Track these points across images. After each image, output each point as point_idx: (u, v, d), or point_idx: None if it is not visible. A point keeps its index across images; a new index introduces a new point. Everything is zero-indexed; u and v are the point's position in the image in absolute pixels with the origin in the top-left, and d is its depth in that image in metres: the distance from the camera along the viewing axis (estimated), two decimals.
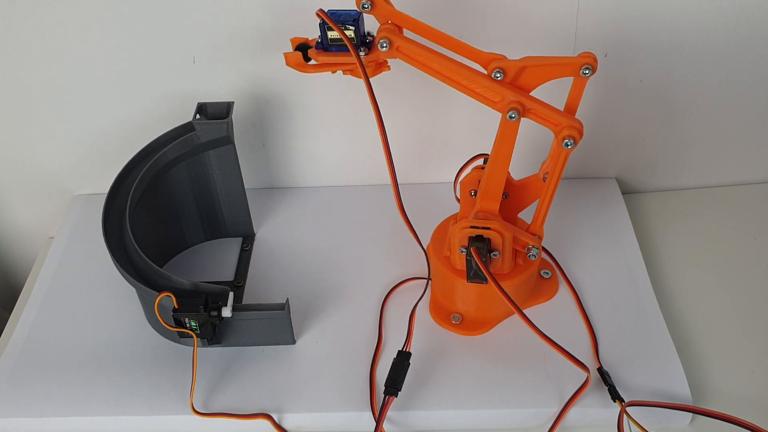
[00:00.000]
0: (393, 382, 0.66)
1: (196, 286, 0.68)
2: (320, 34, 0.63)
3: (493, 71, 0.62)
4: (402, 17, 0.63)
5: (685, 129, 0.86)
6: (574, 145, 0.62)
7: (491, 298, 0.72)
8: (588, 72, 0.61)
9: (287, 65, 0.65)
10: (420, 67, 0.63)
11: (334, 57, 0.63)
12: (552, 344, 0.65)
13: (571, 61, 0.61)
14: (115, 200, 0.75)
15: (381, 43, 0.62)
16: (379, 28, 0.62)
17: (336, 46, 0.63)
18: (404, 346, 0.69)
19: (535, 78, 0.62)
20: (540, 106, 0.62)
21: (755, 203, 0.88)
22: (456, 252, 0.70)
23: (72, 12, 0.76)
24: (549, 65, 0.62)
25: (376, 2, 0.61)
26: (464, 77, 0.62)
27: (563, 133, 0.62)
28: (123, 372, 0.71)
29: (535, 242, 0.69)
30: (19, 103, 0.83)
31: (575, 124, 0.62)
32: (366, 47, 0.63)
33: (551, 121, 0.62)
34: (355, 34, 0.62)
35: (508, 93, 0.62)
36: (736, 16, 0.76)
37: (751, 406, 0.67)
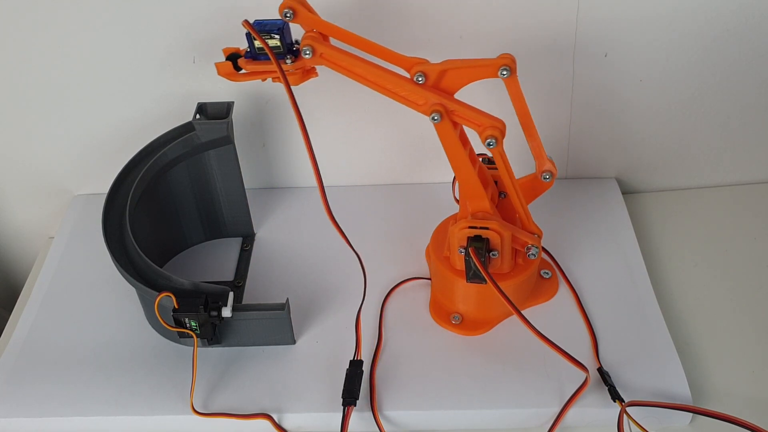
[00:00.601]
0: (350, 392, 0.66)
1: (196, 286, 0.68)
2: (248, 44, 0.65)
3: (415, 75, 0.63)
4: (325, 25, 0.65)
5: (685, 129, 0.86)
6: (497, 144, 0.63)
7: (491, 298, 0.72)
8: (506, 73, 0.63)
9: (218, 75, 0.67)
10: (345, 73, 0.65)
11: (263, 65, 0.65)
12: (550, 345, 0.65)
13: (491, 62, 0.63)
14: (115, 200, 0.75)
15: (304, 50, 0.64)
16: (303, 36, 0.64)
17: (264, 55, 0.65)
18: (355, 355, 0.70)
19: (457, 81, 0.63)
20: (462, 108, 0.63)
21: (755, 203, 0.88)
22: (455, 252, 0.70)
23: (72, 12, 0.76)
24: (468, 68, 0.63)
25: (297, 11, 0.63)
26: (388, 82, 0.64)
27: (485, 133, 0.63)
28: (123, 372, 0.71)
29: (534, 241, 0.69)
30: (19, 103, 0.83)
31: (497, 123, 0.63)
32: (293, 55, 0.65)
33: (474, 121, 0.64)
34: (281, 42, 0.64)
35: (430, 96, 0.63)
36: (736, 17, 0.76)
37: (751, 406, 0.67)
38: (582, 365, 0.66)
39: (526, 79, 0.80)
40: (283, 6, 0.63)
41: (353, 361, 0.69)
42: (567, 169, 0.89)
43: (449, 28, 0.77)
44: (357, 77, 0.64)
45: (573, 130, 0.85)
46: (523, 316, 0.65)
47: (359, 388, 0.67)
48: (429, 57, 0.65)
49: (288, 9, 0.63)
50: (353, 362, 0.69)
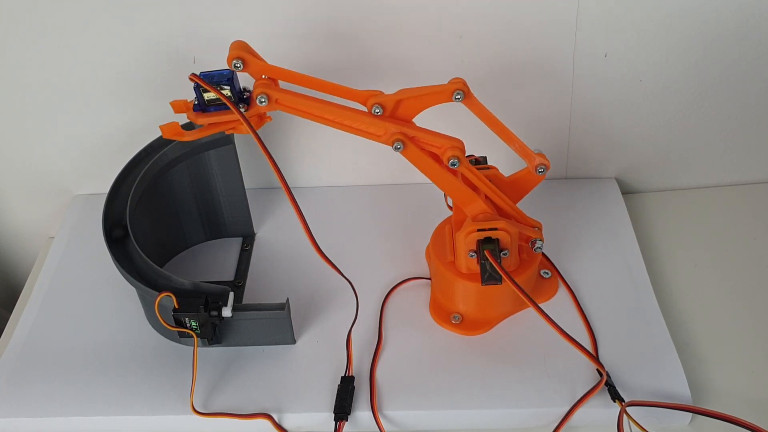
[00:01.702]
0: (341, 407, 0.67)
1: (197, 286, 0.68)
2: (196, 96, 0.63)
3: (372, 107, 0.63)
4: (275, 70, 0.64)
5: (685, 129, 0.86)
6: (460, 163, 0.64)
7: (491, 298, 0.72)
8: (460, 96, 0.64)
9: (165, 137, 0.65)
10: (302, 114, 0.64)
11: (215, 117, 0.64)
12: (572, 342, 0.65)
13: (443, 89, 0.64)
14: (115, 200, 0.75)
15: (259, 98, 0.63)
16: (255, 84, 0.63)
17: (215, 106, 0.63)
18: (346, 372, 0.70)
19: (413, 108, 0.64)
20: (422, 133, 0.64)
21: (755, 203, 0.88)
22: (463, 256, 0.69)
23: (71, 12, 0.76)
24: (423, 95, 0.64)
25: (247, 60, 0.62)
26: (347, 118, 0.64)
27: (447, 155, 0.64)
28: (123, 372, 0.71)
29: (538, 235, 0.70)
30: (19, 104, 0.83)
31: (455, 143, 0.65)
32: (244, 103, 0.64)
33: (434, 144, 0.65)
34: (232, 92, 0.63)
35: (390, 126, 0.64)
36: (736, 17, 0.76)
37: (751, 406, 0.67)
38: (601, 364, 0.66)
39: (526, 80, 0.81)
40: (231, 57, 0.62)
41: (344, 378, 0.69)
42: (567, 169, 0.89)
43: (449, 29, 0.77)
44: (315, 117, 0.65)
45: (573, 130, 0.85)
46: (544, 313, 0.65)
47: (350, 403, 0.67)
48: (421, 65, 0.65)
49: (237, 59, 0.62)
50: (344, 378, 0.69)
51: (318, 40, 0.77)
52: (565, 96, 0.82)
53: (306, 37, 0.77)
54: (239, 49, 0.63)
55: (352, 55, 0.79)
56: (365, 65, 0.79)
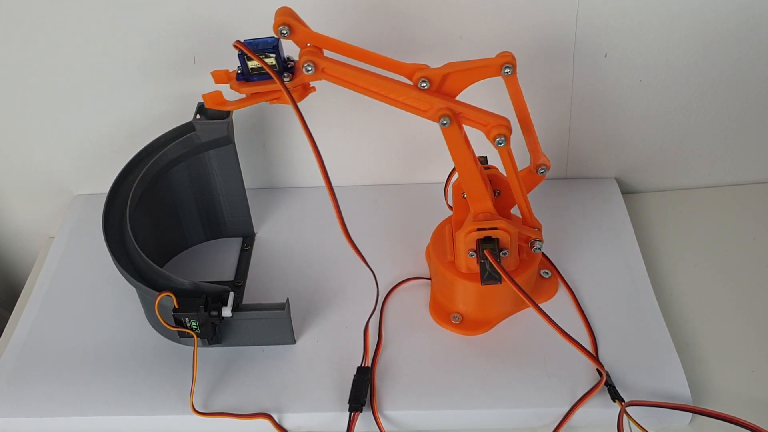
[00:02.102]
0: (356, 398, 0.67)
1: (197, 286, 0.68)
2: (240, 64, 0.62)
3: (418, 81, 0.62)
4: (321, 38, 0.62)
5: (685, 129, 0.86)
6: (506, 142, 0.63)
7: (491, 298, 0.72)
8: (509, 71, 0.62)
9: (207, 107, 0.64)
10: (346, 85, 0.63)
11: (258, 86, 0.63)
12: (572, 341, 0.65)
13: (492, 62, 0.62)
14: (115, 200, 0.75)
15: (305, 66, 0.61)
16: (301, 52, 0.62)
17: (258, 76, 0.62)
18: (362, 362, 0.70)
19: (460, 82, 0.63)
20: (468, 110, 0.63)
21: (755, 203, 0.88)
22: (463, 256, 0.69)
23: (72, 12, 0.76)
24: (472, 69, 0.63)
25: (294, 27, 0.60)
26: (392, 91, 0.63)
27: (493, 133, 0.63)
28: (123, 372, 0.71)
29: (537, 235, 0.70)
30: (19, 103, 0.83)
31: (503, 122, 0.63)
32: (289, 72, 0.62)
33: (480, 122, 0.63)
34: (276, 60, 0.61)
35: (436, 101, 0.62)
36: (736, 17, 0.76)
37: (751, 406, 0.67)
38: (600, 364, 0.66)
39: (526, 80, 0.81)
40: (278, 23, 0.60)
41: (360, 368, 0.69)
42: (567, 169, 0.89)
43: (449, 29, 0.77)
44: (359, 89, 0.63)
45: (573, 130, 0.85)
46: (544, 313, 0.65)
47: (366, 394, 0.67)
48: (428, 59, 0.65)
49: (284, 26, 0.60)
50: (360, 369, 0.69)
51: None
52: (565, 96, 0.82)
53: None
54: (286, 15, 0.60)
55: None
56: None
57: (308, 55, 0.61)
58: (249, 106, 0.64)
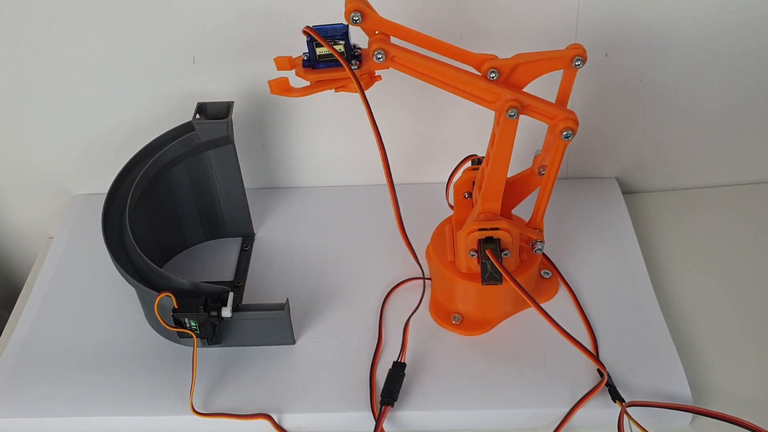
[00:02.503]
0: (389, 392, 0.67)
1: (196, 286, 0.68)
2: (308, 51, 0.60)
3: (487, 71, 0.61)
4: (390, 25, 0.61)
5: (685, 129, 0.86)
6: (573, 135, 0.62)
7: (491, 298, 0.72)
8: (579, 63, 0.61)
9: (272, 93, 0.62)
10: (414, 74, 0.62)
11: (325, 74, 0.61)
12: (573, 341, 0.65)
13: (563, 54, 0.61)
14: (115, 200, 0.75)
15: (376, 54, 0.60)
16: (371, 40, 0.61)
17: (324, 63, 0.61)
18: (399, 357, 0.69)
19: (528, 74, 0.62)
20: (536, 102, 0.62)
21: (755, 203, 0.88)
22: (464, 256, 0.69)
23: (72, 12, 0.76)
24: (541, 60, 0.62)
25: (366, 14, 0.59)
26: (461, 81, 0.62)
27: (560, 126, 0.62)
28: (123, 372, 0.71)
29: (539, 236, 0.70)
30: (19, 103, 0.83)
31: (570, 115, 0.63)
32: (357, 60, 0.61)
33: (547, 114, 0.63)
34: (345, 48, 0.60)
35: (504, 92, 0.62)
36: (736, 17, 0.76)
37: (751, 406, 0.67)
38: (602, 364, 0.66)
39: None
40: (350, 9, 0.58)
41: (397, 363, 0.69)
42: (567, 169, 0.89)
43: (449, 29, 0.77)
44: (427, 78, 0.62)
45: None
46: (544, 312, 0.65)
47: (399, 389, 0.67)
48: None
49: (356, 12, 0.58)
50: (396, 364, 0.69)
51: None
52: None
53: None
54: (357, 0, 0.59)
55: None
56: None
57: (379, 43, 0.60)
58: (314, 93, 0.62)
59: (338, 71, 0.61)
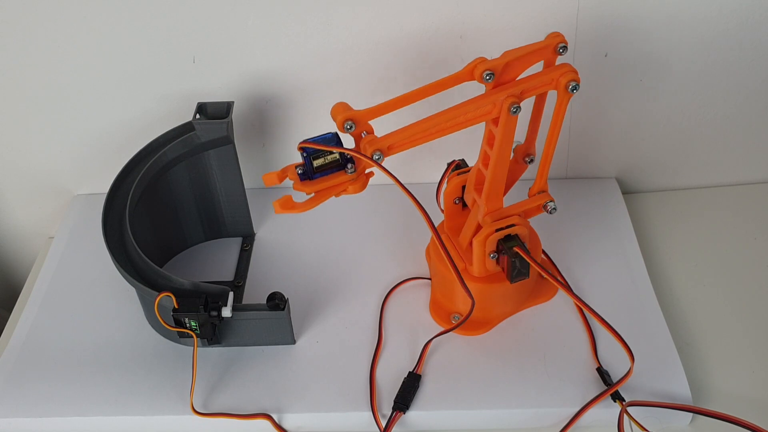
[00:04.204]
0: (403, 399, 0.67)
1: (196, 286, 0.68)
2: (305, 164, 0.61)
3: (482, 74, 0.61)
4: (373, 113, 0.62)
5: (685, 129, 0.86)
6: (578, 86, 0.62)
7: (491, 298, 0.72)
8: (563, 50, 0.62)
9: (277, 213, 0.63)
10: (416, 144, 0.63)
11: (324, 182, 0.62)
12: (603, 323, 0.65)
13: (547, 43, 0.62)
14: (115, 200, 0.75)
15: (375, 156, 0.61)
16: (363, 145, 0.61)
17: (321, 172, 0.62)
18: (415, 369, 0.70)
19: (517, 69, 0.63)
20: (528, 82, 0.62)
21: (755, 203, 0.88)
22: (482, 260, 0.69)
23: (72, 12, 0.76)
24: (530, 53, 0.62)
25: (357, 119, 0.61)
26: (457, 116, 0.62)
27: (563, 82, 0.62)
28: (123, 372, 0.71)
29: (548, 197, 0.69)
30: (19, 103, 0.83)
31: (566, 68, 0.63)
32: (351, 163, 0.62)
33: (545, 83, 0.63)
34: (339, 154, 0.62)
35: (499, 95, 0.62)
36: (736, 17, 0.76)
37: (751, 406, 0.67)
38: (630, 350, 0.65)
39: None
40: (342, 120, 0.60)
41: (412, 374, 0.69)
42: (567, 169, 0.89)
43: (449, 29, 0.77)
44: (429, 138, 0.62)
45: (573, 130, 0.85)
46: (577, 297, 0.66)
47: (412, 398, 0.67)
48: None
49: (348, 121, 0.61)
50: (412, 374, 0.69)
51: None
52: None
53: None
54: (346, 110, 0.61)
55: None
56: None
57: (373, 145, 0.61)
58: (319, 204, 0.63)
59: (336, 177, 0.62)
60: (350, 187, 0.63)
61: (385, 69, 0.80)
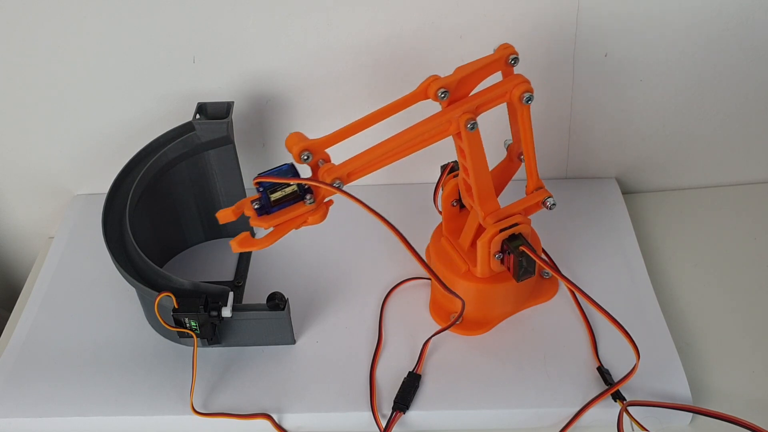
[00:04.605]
0: (403, 399, 0.67)
1: (196, 286, 0.68)
2: (261, 198, 0.60)
3: (437, 92, 0.61)
4: (328, 142, 0.62)
5: (685, 129, 0.86)
6: (532, 95, 0.62)
7: (491, 298, 0.72)
8: (514, 61, 0.62)
9: (235, 251, 0.61)
10: (376, 168, 0.62)
11: (282, 216, 0.61)
12: (608, 316, 0.65)
13: (498, 56, 0.63)
14: (115, 200, 0.75)
15: (335, 183, 0.60)
16: (322, 173, 0.61)
17: (278, 206, 0.61)
18: (415, 369, 0.70)
19: (471, 84, 0.63)
20: (483, 96, 0.62)
21: (755, 203, 0.88)
22: (487, 262, 0.69)
23: (72, 12, 0.76)
24: (482, 67, 0.62)
25: (313, 149, 0.60)
26: (414, 137, 0.62)
27: (516, 93, 0.62)
28: (123, 372, 0.71)
29: (546, 193, 0.69)
30: (20, 103, 0.83)
31: (518, 79, 0.63)
32: (309, 193, 0.61)
33: (500, 95, 0.63)
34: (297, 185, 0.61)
35: (454, 112, 0.62)
36: (736, 17, 0.76)
37: (751, 406, 0.67)
38: (636, 346, 0.65)
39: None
40: (299, 150, 0.60)
41: (412, 373, 0.69)
42: (567, 169, 0.89)
43: (449, 28, 0.77)
44: (386, 162, 0.62)
45: (573, 130, 0.85)
46: (574, 284, 0.66)
47: (412, 398, 0.67)
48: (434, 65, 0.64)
49: (305, 151, 0.60)
50: (412, 374, 0.69)
51: None
52: (565, 96, 0.82)
53: None
54: (302, 140, 0.60)
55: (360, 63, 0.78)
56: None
57: (331, 173, 0.61)
58: (279, 238, 0.62)
59: (295, 209, 0.61)
60: (310, 218, 0.62)
61: (385, 68, 0.80)
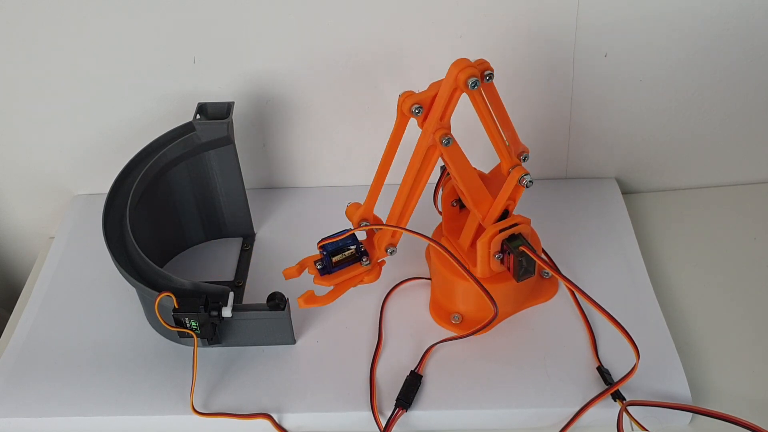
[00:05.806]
0: (406, 396, 0.67)
1: (197, 286, 0.68)
2: (324, 260, 0.68)
3: (411, 108, 0.61)
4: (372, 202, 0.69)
5: (685, 129, 0.86)
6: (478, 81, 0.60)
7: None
8: (489, 77, 0.62)
9: (301, 307, 0.68)
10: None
11: (343, 275, 0.69)
12: (608, 316, 0.64)
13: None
14: (115, 200, 0.75)
15: (389, 251, 0.69)
16: (377, 240, 0.69)
17: (339, 266, 0.69)
18: (417, 368, 0.70)
19: None
20: (439, 102, 0.61)
21: (755, 203, 0.88)
22: (487, 261, 0.69)
23: (72, 12, 0.76)
24: None
25: (367, 216, 0.68)
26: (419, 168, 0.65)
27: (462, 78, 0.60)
28: (123, 372, 0.71)
29: (521, 171, 0.66)
30: (20, 103, 0.83)
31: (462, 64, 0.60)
32: (365, 255, 0.69)
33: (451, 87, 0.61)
34: (356, 248, 0.69)
35: (429, 131, 0.62)
36: (736, 17, 0.76)
37: (751, 406, 0.67)
38: (636, 346, 0.65)
39: (526, 80, 0.81)
40: (358, 219, 0.68)
41: (414, 373, 0.69)
42: (567, 169, 0.89)
43: (449, 28, 0.77)
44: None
45: (573, 130, 0.86)
46: (575, 285, 0.66)
47: (414, 397, 0.67)
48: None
49: (364, 220, 0.68)
50: (414, 373, 0.69)
51: None
52: (566, 96, 0.82)
53: None
54: (357, 209, 0.68)
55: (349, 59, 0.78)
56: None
57: (387, 239, 0.69)
58: (340, 295, 0.69)
59: (353, 269, 0.69)
60: (366, 278, 0.70)
61: (385, 68, 0.80)
